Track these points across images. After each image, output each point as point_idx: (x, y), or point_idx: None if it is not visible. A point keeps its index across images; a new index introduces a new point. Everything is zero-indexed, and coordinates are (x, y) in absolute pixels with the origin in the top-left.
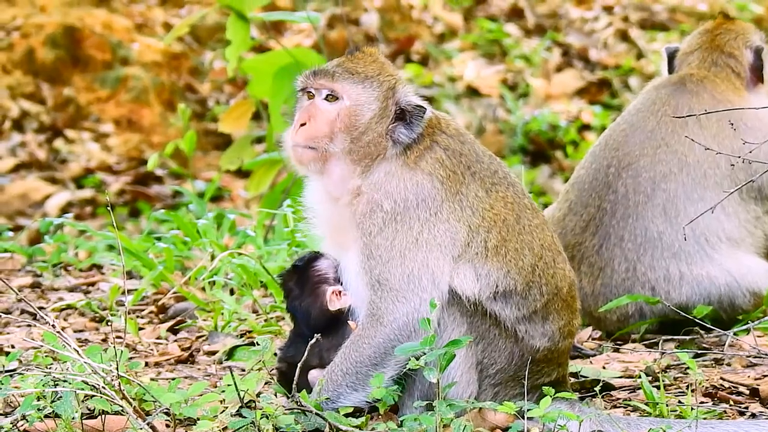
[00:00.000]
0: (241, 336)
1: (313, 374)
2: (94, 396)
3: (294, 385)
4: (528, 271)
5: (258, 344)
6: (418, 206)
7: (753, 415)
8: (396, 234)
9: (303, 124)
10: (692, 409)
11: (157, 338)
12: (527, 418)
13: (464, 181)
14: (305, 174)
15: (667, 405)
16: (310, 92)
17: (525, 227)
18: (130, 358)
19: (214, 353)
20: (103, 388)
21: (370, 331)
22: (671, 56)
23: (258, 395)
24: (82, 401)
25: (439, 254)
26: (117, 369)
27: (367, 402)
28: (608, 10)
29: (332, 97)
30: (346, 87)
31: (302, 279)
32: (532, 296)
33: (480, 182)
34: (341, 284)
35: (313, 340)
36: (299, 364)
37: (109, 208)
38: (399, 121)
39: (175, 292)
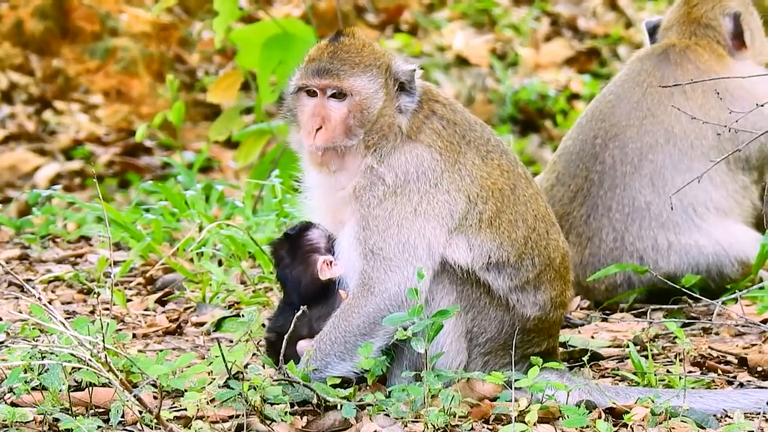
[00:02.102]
0: (229, 307)
1: (302, 345)
2: (81, 368)
3: (281, 356)
4: (521, 243)
5: (244, 316)
6: (418, 179)
7: (741, 384)
8: (395, 205)
9: (319, 128)
10: (680, 378)
11: (145, 310)
12: (515, 388)
13: (461, 150)
14: (321, 173)
15: (655, 374)
16: (311, 90)
17: (519, 197)
18: (118, 330)
19: (202, 325)
20: (90, 360)
21: (361, 300)
22: (652, 30)
23: (246, 366)
24: (69, 374)
25: (437, 224)
26: (104, 341)
27: (355, 372)
28: None
29: (340, 95)
30: (353, 83)
31: (294, 247)
32: (524, 267)
33: (476, 150)
34: (333, 254)
35: (300, 312)
36: (287, 335)
37: (95, 180)
38: (400, 92)
39: (163, 264)
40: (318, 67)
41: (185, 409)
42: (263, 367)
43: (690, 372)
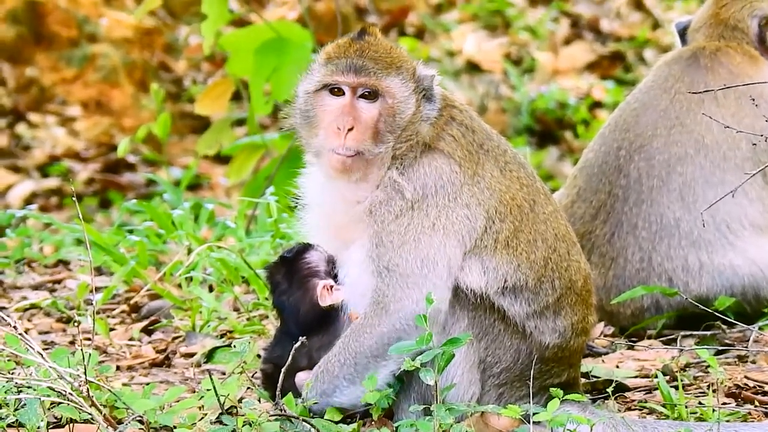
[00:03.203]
0: (221, 336)
1: (301, 377)
2: (61, 403)
3: (278, 390)
4: (540, 264)
5: (237, 346)
6: (437, 193)
7: None
8: (411, 220)
9: (350, 129)
10: (714, 410)
11: (130, 340)
12: (534, 422)
13: (479, 161)
14: (342, 181)
15: (686, 407)
16: (337, 89)
17: (539, 215)
18: (101, 361)
19: (191, 355)
20: (71, 394)
21: (374, 319)
22: (683, 32)
23: (240, 401)
24: (48, 409)
25: (456, 242)
26: (85, 374)
27: (362, 404)
28: None
29: (371, 96)
30: (389, 84)
31: (291, 272)
32: (543, 291)
33: (494, 161)
34: (333, 279)
35: (299, 343)
36: (285, 367)
37: (74, 199)
38: (423, 99)
39: (148, 290)
40: (350, 64)
41: None
42: (259, 401)
43: (724, 404)
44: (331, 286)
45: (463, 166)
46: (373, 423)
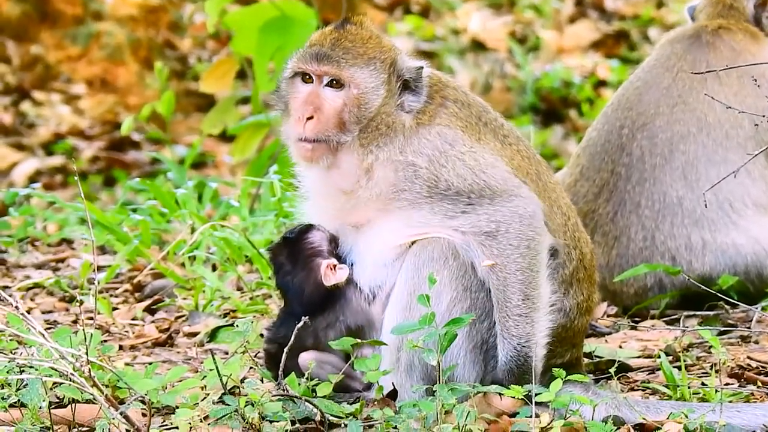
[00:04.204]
0: (224, 316)
1: (304, 357)
2: (62, 383)
3: (281, 370)
4: (561, 231)
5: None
6: (453, 145)
7: None
8: (454, 165)
9: (310, 117)
10: (716, 391)
11: (133, 319)
12: (536, 402)
13: (480, 132)
14: (311, 169)
15: (689, 387)
16: (307, 77)
17: (547, 184)
18: (103, 341)
19: (194, 335)
20: (73, 374)
21: (505, 252)
22: (693, 15)
23: (242, 381)
24: (50, 389)
25: (502, 163)
26: (87, 353)
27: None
28: None
29: (337, 84)
30: (354, 74)
31: (294, 252)
32: (561, 262)
33: (493, 133)
34: (336, 258)
35: (301, 323)
36: (287, 347)
37: (77, 177)
38: (404, 91)
39: (152, 269)
40: (317, 52)
41: (176, 428)
42: (261, 381)
43: (727, 384)
44: (335, 265)
45: (466, 132)
46: (375, 403)
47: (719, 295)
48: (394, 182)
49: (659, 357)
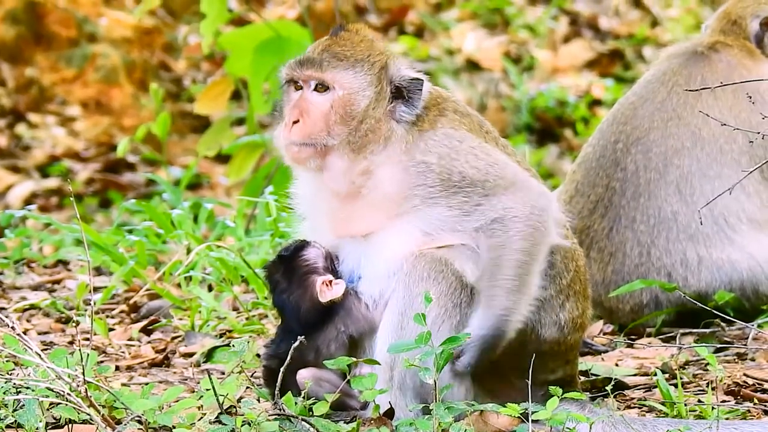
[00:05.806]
0: (221, 336)
1: (302, 374)
2: (59, 404)
3: (277, 389)
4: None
5: (237, 345)
6: (463, 141)
7: None
8: (467, 157)
9: (296, 121)
10: (713, 408)
11: (129, 340)
12: (533, 420)
13: (484, 137)
14: (303, 171)
15: (685, 405)
16: (298, 83)
17: None
18: (100, 361)
19: (191, 355)
20: (69, 395)
21: (512, 238)
22: None
23: (239, 400)
24: (47, 410)
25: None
26: (84, 374)
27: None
28: None
29: (322, 87)
30: (336, 75)
31: (289, 270)
32: (561, 271)
33: (495, 142)
34: (332, 274)
35: (297, 343)
36: (284, 366)
37: (73, 199)
38: (397, 99)
39: (148, 290)
40: (304, 59)
41: None
42: (258, 400)
43: (723, 401)
44: (330, 281)
45: (472, 133)
46: (372, 422)
47: (715, 312)
48: (404, 181)
49: (656, 374)
